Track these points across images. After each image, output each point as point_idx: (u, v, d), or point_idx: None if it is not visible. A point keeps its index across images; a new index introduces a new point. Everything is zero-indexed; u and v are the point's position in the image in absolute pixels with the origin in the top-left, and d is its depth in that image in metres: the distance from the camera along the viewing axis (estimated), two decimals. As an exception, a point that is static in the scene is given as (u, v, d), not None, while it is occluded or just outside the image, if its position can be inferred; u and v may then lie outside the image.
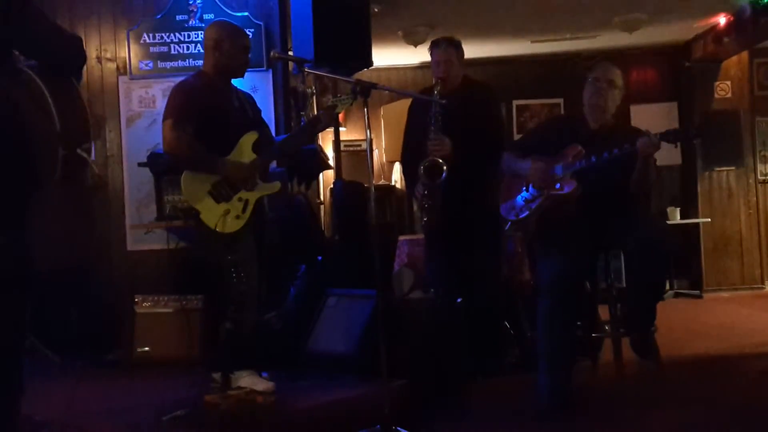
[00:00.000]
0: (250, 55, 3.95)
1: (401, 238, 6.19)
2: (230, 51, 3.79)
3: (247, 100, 3.97)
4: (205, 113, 3.68)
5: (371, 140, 3.36)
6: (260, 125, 3.95)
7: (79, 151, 2.81)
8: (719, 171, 8.53)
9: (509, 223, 4.15)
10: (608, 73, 4.02)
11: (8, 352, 2.79)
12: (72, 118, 2.78)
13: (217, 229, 3.56)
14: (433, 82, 4.46)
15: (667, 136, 3.70)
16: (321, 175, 6.72)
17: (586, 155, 3.85)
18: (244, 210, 3.64)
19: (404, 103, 5.40)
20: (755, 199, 8.58)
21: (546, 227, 3.98)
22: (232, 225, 3.60)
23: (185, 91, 3.75)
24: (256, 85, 5.24)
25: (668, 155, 8.43)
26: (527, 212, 4.01)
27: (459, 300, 4.27)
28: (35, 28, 2.73)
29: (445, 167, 4.30)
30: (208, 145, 3.65)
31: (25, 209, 2.78)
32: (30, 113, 2.63)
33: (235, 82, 3.93)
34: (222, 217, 3.57)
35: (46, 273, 4.86)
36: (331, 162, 5.83)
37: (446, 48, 4.50)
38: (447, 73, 4.45)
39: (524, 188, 4.06)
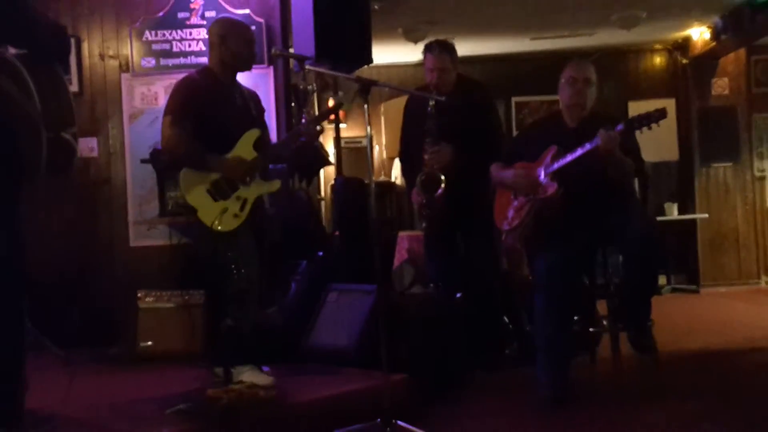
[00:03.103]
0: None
1: (401, 233, 6.20)
2: (236, 46, 3.78)
3: (252, 98, 3.95)
4: (205, 110, 3.67)
5: (371, 137, 3.38)
6: (262, 125, 3.94)
7: (63, 134, 2.76)
8: (716, 167, 8.56)
9: (504, 233, 4.19)
10: (584, 71, 4.06)
11: (9, 347, 2.79)
12: (55, 103, 2.74)
13: (214, 227, 3.55)
14: (429, 85, 4.49)
15: (631, 124, 3.72)
16: (321, 171, 6.73)
17: (562, 154, 3.89)
18: (242, 208, 3.63)
19: (404, 100, 5.40)
20: (752, 195, 8.60)
21: (539, 226, 4.00)
22: (229, 223, 3.59)
23: (186, 88, 3.75)
24: (257, 82, 5.22)
25: (666, 151, 8.50)
26: (518, 221, 4.04)
27: (458, 295, 4.30)
28: (19, 17, 2.71)
29: (443, 180, 4.33)
30: (209, 142, 3.64)
31: (15, 199, 2.74)
32: (13, 98, 2.60)
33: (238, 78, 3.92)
34: (219, 215, 3.56)
35: (49, 269, 4.95)
36: (332, 158, 5.84)
37: (440, 54, 4.51)
38: (441, 80, 4.48)
39: (512, 197, 4.11)
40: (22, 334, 2.88)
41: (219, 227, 3.56)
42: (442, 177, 4.34)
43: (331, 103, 3.91)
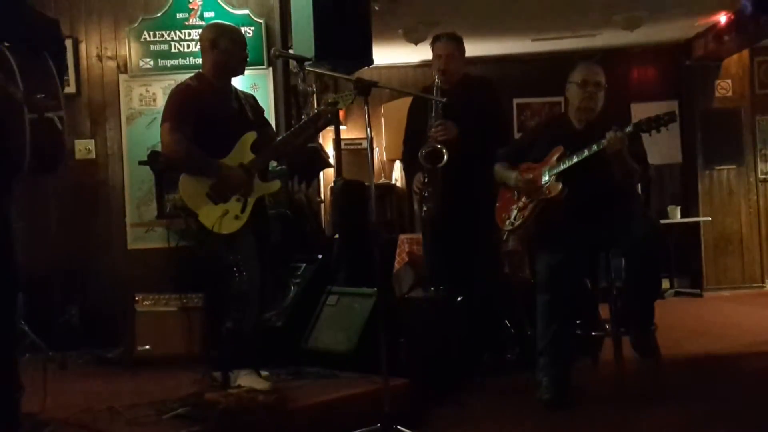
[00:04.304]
0: (250, 54, 3.96)
1: (402, 236, 6.19)
2: (228, 48, 3.79)
3: (248, 100, 3.96)
4: (202, 115, 3.68)
5: (372, 139, 3.36)
6: (262, 125, 3.93)
7: (48, 115, 2.74)
8: (720, 169, 8.55)
9: (506, 233, 4.19)
10: (595, 74, 4.05)
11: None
12: (39, 85, 2.74)
13: (215, 230, 3.54)
14: (434, 76, 4.51)
15: (641, 126, 3.73)
16: (321, 173, 6.72)
17: (569, 155, 3.89)
18: (243, 210, 3.63)
19: (405, 102, 5.42)
20: (756, 197, 8.60)
21: (542, 226, 4.00)
22: (230, 225, 3.59)
23: (183, 94, 3.76)
24: (256, 83, 5.24)
25: (669, 154, 8.48)
26: (521, 220, 4.04)
27: (460, 298, 4.27)
28: (11, 10, 2.74)
29: (445, 152, 4.32)
30: (207, 146, 3.64)
31: (4, 189, 2.74)
32: None
33: (235, 80, 3.92)
34: (220, 218, 3.56)
35: (46, 271, 4.95)
36: (332, 160, 5.84)
37: (447, 42, 4.57)
38: (447, 66, 4.51)
39: (515, 196, 4.11)
40: (13, 331, 2.86)
41: (221, 230, 3.55)
42: (444, 151, 4.33)
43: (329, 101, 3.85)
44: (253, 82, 5.17)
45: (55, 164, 2.85)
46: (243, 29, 4.19)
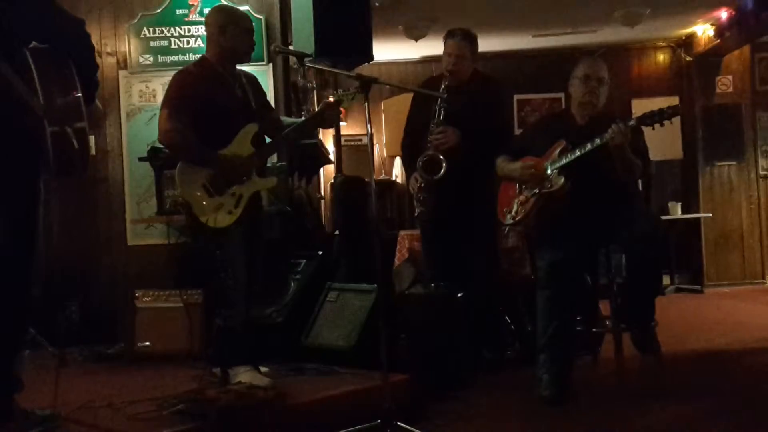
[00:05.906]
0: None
1: (402, 232, 6.19)
2: (235, 35, 3.69)
3: (252, 82, 3.86)
4: (202, 103, 3.60)
5: (372, 135, 3.36)
6: (265, 110, 3.88)
7: (68, 129, 2.75)
8: (720, 166, 8.56)
9: (507, 227, 4.20)
10: (598, 70, 4.06)
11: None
12: (60, 97, 2.75)
13: (208, 224, 3.50)
14: (444, 72, 4.49)
15: (644, 120, 3.75)
16: (321, 169, 6.72)
17: (571, 149, 3.89)
18: (236, 205, 3.56)
19: (405, 98, 5.42)
20: (756, 194, 8.61)
21: (543, 222, 4.00)
22: (223, 220, 3.52)
23: (183, 81, 3.68)
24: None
25: (670, 150, 8.49)
26: (522, 214, 4.03)
27: (460, 294, 4.28)
28: (37, 12, 2.74)
29: (444, 163, 4.31)
30: (206, 135, 3.57)
31: (27, 187, 2.77)
32: (16, 91, 2.62)
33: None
34: (214, 211, 3.51)
35: (46, 267, 4.93)
36: (332, 156, 5.83)
37: (461, 41, 4.52)
38: (457, 66, 4.48)
39: (517, 190, 4.10)
40: (14, 327, 2.86)
41: (213, 224, 3.51)
42: (444, 160, 4.32)
43: (330, 99, 3.82)
44: (253, 78, 5.18)
45: (79, 170, 2.91)
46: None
